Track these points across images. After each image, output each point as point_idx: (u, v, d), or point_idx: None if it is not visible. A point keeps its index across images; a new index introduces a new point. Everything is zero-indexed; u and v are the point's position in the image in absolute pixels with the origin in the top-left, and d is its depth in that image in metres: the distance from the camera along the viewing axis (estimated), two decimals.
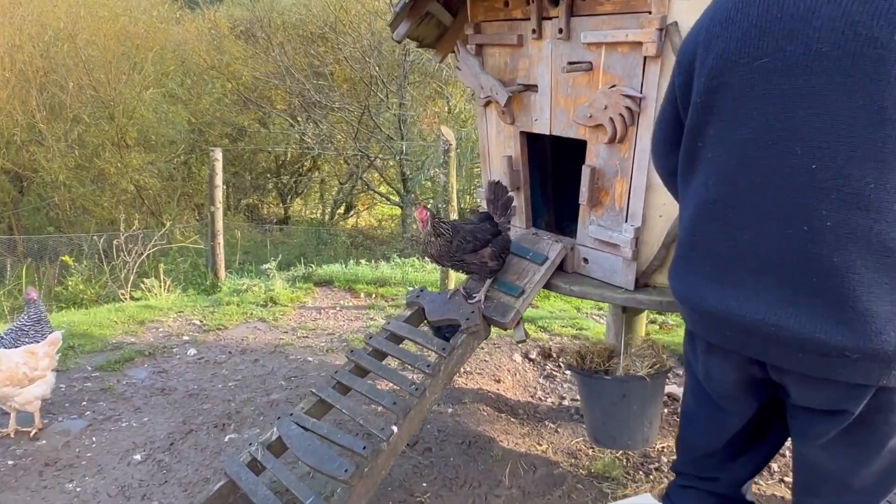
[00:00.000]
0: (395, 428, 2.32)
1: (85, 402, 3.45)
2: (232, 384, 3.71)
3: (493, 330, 2.89)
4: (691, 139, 1.47)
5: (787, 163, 1.28)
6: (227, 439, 3.11)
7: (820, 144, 1.23)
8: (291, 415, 2.50)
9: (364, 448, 2.24)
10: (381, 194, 14.13)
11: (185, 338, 4.43)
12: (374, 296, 5.49)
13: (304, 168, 15.53)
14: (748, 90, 1.31)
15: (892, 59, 1.15)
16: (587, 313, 5.08)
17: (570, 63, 2.50)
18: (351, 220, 16.29)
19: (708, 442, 1.69)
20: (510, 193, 2.76)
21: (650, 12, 2.21)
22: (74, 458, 2.95)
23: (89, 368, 3.86)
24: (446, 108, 12.52)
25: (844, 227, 1.23)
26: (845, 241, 1.23)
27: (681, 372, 3.83)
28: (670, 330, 4.64)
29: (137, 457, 2.96)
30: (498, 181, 2.76)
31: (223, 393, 3.59)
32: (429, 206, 2.73)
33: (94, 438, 3.11)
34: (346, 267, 6.07)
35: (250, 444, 2.43)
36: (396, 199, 13.44)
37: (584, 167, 2.55)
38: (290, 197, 16.09)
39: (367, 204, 16.35)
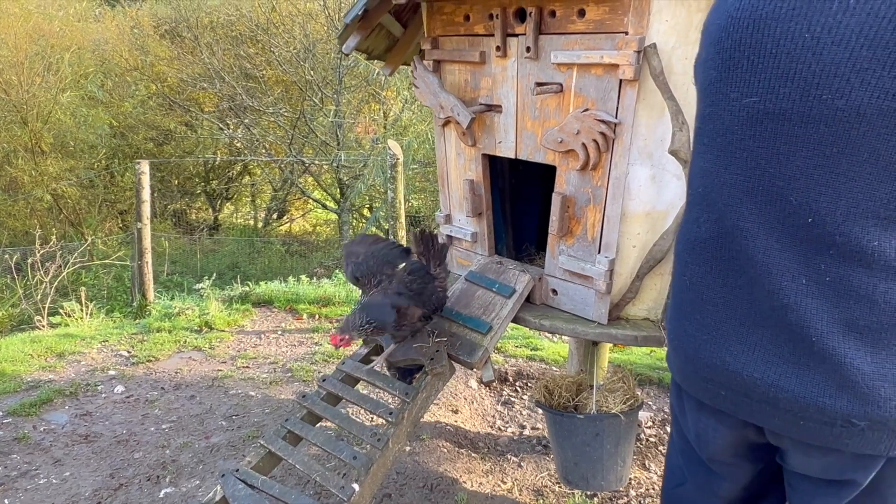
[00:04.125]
0: (356, 486, 2.10)
1: None
2: (166, 427, 3.38)
3: None
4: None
5: (781, 211, 1.15)
6: (162, 494, 2.80)
7: (817, 198, 1.10)
8: (237, 471, 2.25)
9: None
10: (316, 200, 13.74)
11: (112, 372, 4.05)
12: (317, 317, 5.20)
13: (235, 173, 14.99)
14: (736, 128, 1.18)
15: None
16: (539, 332, 4.95)
17: (539, 84, 2.34)
18: (284, 227, 15.82)
19: None
20: (441, 241, 2.58)
21: (626, 33, 2.06)
22: None
23: (0, 413, 3.45)
24: (382, 114, 12.26)
25: (845, 284, 1.10)
26: (847, 298, 1.11)
27: (651, 402, 3.72)
28: (624, 348, 4.55)
29: None
30: (422, 229, 2.59)
31: (156, 437, 3.25)
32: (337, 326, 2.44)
33: (6, 501, 2.74)
34: (286, 285, 5.74)
35: None
36: (333, 205, 13.09)
37: (553, 194, 2.39)
38: (219, 202, 15.50)
39: (302, 210, 15.93)
